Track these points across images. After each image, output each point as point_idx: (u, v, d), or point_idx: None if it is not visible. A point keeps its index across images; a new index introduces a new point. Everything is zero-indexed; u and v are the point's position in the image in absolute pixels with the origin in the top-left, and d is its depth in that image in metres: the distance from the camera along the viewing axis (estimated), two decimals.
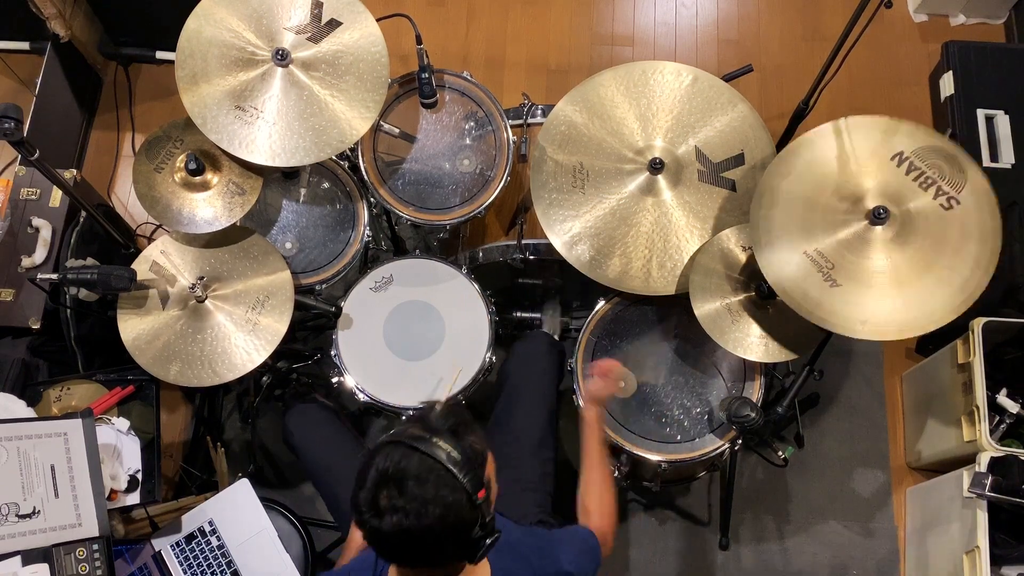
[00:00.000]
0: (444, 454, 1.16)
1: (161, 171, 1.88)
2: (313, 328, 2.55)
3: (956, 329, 1.94)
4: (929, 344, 2.51)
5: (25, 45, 2.83)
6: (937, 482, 2.30)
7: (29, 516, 1.58)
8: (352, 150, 2.05)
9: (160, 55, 2.94)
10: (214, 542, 1.94)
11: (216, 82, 1.79)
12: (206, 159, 1.87)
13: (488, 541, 1.21)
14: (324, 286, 2.06)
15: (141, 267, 1.91)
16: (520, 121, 2.10)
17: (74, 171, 2.25)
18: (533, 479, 1.83)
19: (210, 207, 1.88)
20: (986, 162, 2.49)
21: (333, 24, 1.85)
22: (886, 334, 1.66)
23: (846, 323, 1.66)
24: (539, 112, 2.10)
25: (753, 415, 1.81)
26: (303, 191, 2.09)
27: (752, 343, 1.83)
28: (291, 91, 1.81)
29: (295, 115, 1.80)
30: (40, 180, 2.25)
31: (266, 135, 1.79)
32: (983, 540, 1.98)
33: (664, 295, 1.89)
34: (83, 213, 2.25)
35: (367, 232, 2.08)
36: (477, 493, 1.18)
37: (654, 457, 1.90)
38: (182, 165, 1.87)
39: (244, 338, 1.87)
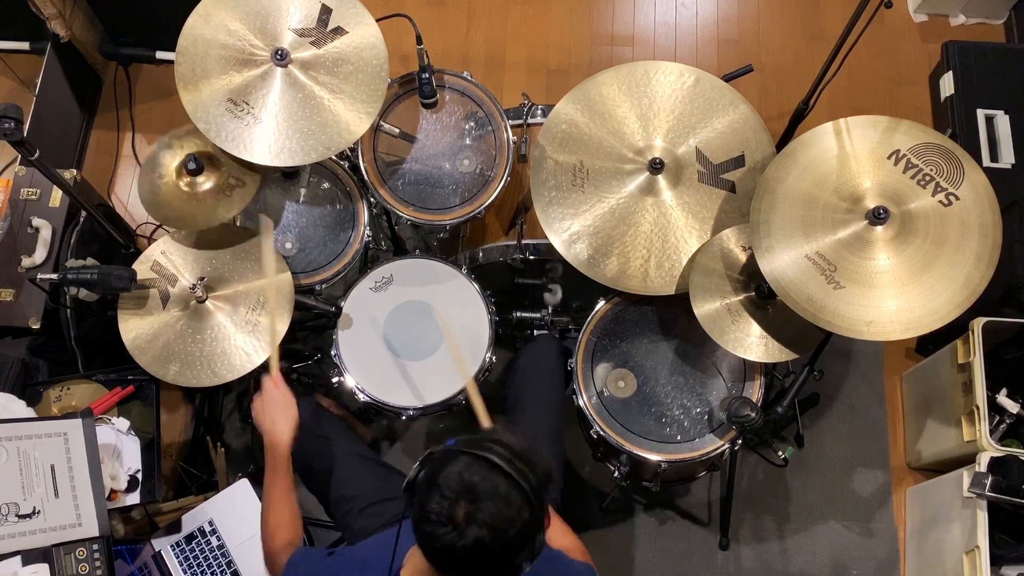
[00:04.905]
0: (523, 477, 1.17)
1: (163, 178, 1.88)
2: (313, 328, 2.55)
3: (956, 329, 1.94)
4: (929, 344, 2.51)
5: (25, 45, 2.83)
6: (937, 482, 2.30)
7: (29, 516, 1.58)
8: (352, 150, 2.05)
9: (160, 55, 2.94)
10: (214, 542, 1.94)
11: (215, 81, 1.79)
12: (205, 159, 1.87)
13: (528, 566, 1.22)
14: (324, 286, 2.06)
15: (142, 267, 1.91)
16: (520, 121, 2.10)
17: (74, 171, 2.25)
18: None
19: (218, 202, 1.87)
20: (986, 162, 2.49)
21: (339, 32, 1.85)
22: (892, 334, 1.65)
23: (852, 325, 1.66)
24: (539, 112, 2.10)
25: (753, 415, 1.81)
26: (303, 191, 2.09)
27: (752, 343, 1.83)
28: (288, 92, 1.81)
29: (292, 116, 1.80)
30: (40, 180, 2.26)
31: (263, 135, 1.79)
32: (983, 540, 1.98)
33: (663, 295, 1.89)
34: (83, 213, 2.25)
35: (367, 232, 2.08)
36: (544, 520, 1.20)
37: (654, 457, 1.90)
38: (182, 167, 1.86)
39: (244, 338, 1.87)
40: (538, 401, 1.94)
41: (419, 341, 1.99)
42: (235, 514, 1.95)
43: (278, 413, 1.64)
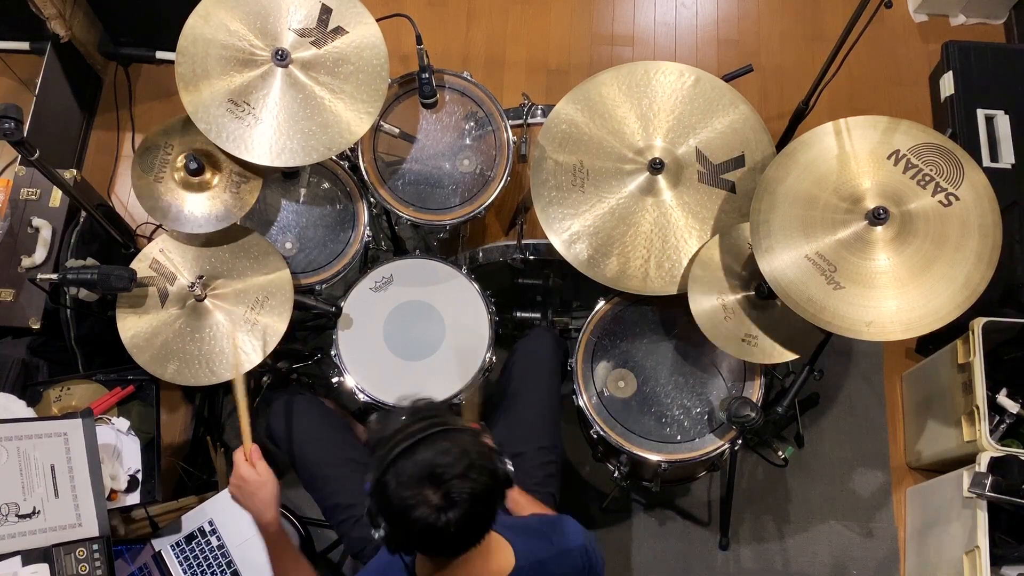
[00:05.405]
0: (438, 423, 1.20)
1: (161, 180, 1.88)
2: (313, 328, 2.55)
3: (956, 329, 1.94)
4: (929, 344, 2.51)
5: (25, 45, 2.83)
6: (937, 482, 2.30)
7: (29, 516, 1.58)
8: (352, 150, 2.05)
9: (160, 55, 2.94)
10: (214, 542, 1.94)
11: (215, 81, 1.79)
12: (204, 157, 1.87)
13: (512, 470, 1.25)
14: (324, 286, 2.06)
15: (141, 265, 1.90)
16: (520, 121, 2.10)
17: (74, 171, 2.25)
18: (537, 478, 1.82)
19: (218, 202, 1.87)
20: (986, 162, 2.50)
21: (339, 32, 1.85)
22: (892, 334, 1.65)
23: (852, 325, 1.66)
24: (539, 112, 2.10)
25: (753, 415, 1.81)
26: (303, 191, 2.09)
27: (752, 343, 1.83)
28: (289, 92, 1.81)
29: (292, 116, 1.80)
30: (40, 180, 2.26)
31: (263, 135, 1.79)
32: (983, 540, 1.98)
33: (663, 295, 1.89)
34: (83, 213, 2.25)
35: (367, 232, 2.08)
36: (487, 436, 1.24)
37: (654, 457, 1.90)
38: (182, 166, 1.86)
39: (242, 337, 1.87)
40: (533, 395, 1.93)
41: (419, 341, 1.99)
42: (235, 514, 1.95)
43: (256, 495, 1.59)
